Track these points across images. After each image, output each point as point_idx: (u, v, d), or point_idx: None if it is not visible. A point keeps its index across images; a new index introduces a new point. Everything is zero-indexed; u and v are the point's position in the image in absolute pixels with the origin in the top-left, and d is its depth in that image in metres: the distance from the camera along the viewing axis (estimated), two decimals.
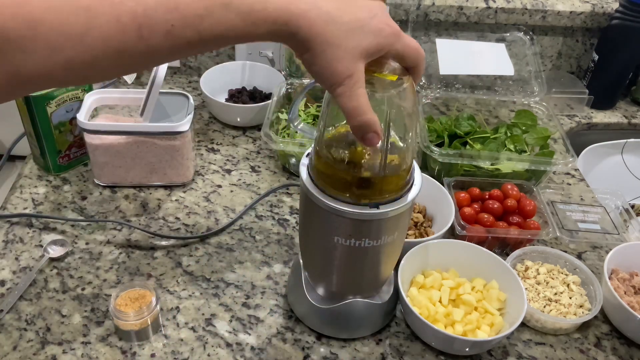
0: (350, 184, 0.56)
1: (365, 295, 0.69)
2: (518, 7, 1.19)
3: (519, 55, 1.12)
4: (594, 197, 0.94)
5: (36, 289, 0.74)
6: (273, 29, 0.44)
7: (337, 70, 0.46)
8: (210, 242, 0.83)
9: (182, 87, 1.19)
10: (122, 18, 0.38)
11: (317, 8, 0.44)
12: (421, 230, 0.83)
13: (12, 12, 0.35)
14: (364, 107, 0.47)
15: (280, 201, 0.92)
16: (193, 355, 0.68)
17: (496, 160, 0.91)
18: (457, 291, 0.73)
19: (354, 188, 0.56)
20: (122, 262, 0.79)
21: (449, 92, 1.09)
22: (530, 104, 1.07)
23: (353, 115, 0.48)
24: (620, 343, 0.74)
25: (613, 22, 1.17)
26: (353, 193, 0.56)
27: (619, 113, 1.25)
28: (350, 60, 0.46)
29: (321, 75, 0.47)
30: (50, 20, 0.36)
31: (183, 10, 0.40)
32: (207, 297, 0.75)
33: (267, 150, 1.02)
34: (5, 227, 0.83)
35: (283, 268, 0.80)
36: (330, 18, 0.45)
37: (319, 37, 0.45)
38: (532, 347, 0.72)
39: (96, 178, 0.91)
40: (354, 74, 0.46)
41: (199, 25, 0.41)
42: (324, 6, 0.45)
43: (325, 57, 0.45)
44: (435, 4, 1.17)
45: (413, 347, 0.71)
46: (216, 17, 0.41)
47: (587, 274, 0.78)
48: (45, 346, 0.67)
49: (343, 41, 0.45)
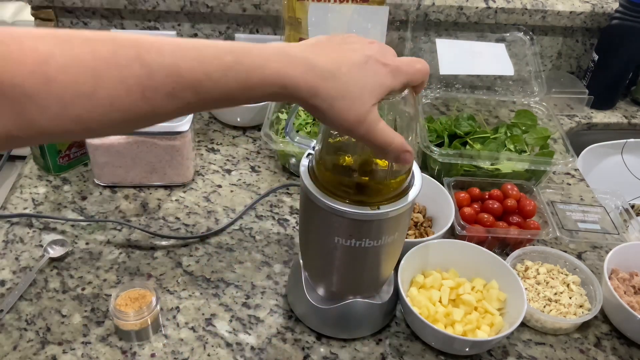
0: (350, 189, 0.57)
1: (365, 295, 0.69)
2: (518, 7, 1.19)
3: (519, 55, 1.12)
4: (594, 197, 0.94)
5: (36, 289, 0.74)
6: (272, 92, 0.45)
7: (350, 119, 0.47)
8: (210, 242, 0.83)
9: None
10: (128, 80, 0.41)
11: (313, 67, 0.45)
12: (421, 230, 0.83)
13: (30, 70, 0.38)
14: (390, 137, 0.49)
15: (280, 201, 0.92)
16: (193, 355, 0.68)
17: (496, 160, 0.91)
18: (457, 291, 0.73)
19: (353, 193, 0.57)
20: (122, 262, 0.79)
21: (449, 92, 1.09)
22: (530, 104, 1.07)
23: (384, 149, 0.49)
24: (620, 343, 0.74)
25: (613, 22, 1.17)
26: (352, 198, 0.56)
27: (618, 113, 1.25)
28: (360, 106, 0.46)
29: (337, 127, 0.48)
30: (62, 80, 0.39)
31: (183, 75, 0.42)
32: (207, 297, 0.75)
33: (267, 150, 1.02)
34: (5, 227, 0.83)
35: (283, 268, 0.80)
36: (329, 74, 0.46)
37: (321, 95, 0.46)
38: (532, 347, 0.72)
39: (96, 178, 0.91)
40: (368, 115, 0.47)
41: (198, 88, 0.43)
42: (319, 63, 0.46)
43: (334, 112, 0.46)
44: (435, 4, 1.17)
45: (413, 347, 0.71)
46: (214, 82, 0.43)
47: (587, 274, 0.78)
48: (45, 346, 0.67)
49: (346, 92, 0.46)
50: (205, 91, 0.43)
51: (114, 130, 0.44)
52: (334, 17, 1.02)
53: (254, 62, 0.44)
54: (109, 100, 0.40)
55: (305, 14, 1.02)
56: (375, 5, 1.03)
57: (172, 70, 0.42)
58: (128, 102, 0.41)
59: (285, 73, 0.45)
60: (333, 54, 0.47)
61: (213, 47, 0.44)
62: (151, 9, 1.15)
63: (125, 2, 1.14)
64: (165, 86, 0.42)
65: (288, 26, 1.05)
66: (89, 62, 0.40)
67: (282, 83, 0.45)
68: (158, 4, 1.14)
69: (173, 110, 0.43)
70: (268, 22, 1.19)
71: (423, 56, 1.12)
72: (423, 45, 1.14)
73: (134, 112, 0.42)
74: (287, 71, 0.45)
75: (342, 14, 1.02)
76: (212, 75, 0.43)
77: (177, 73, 0.42)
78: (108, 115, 0.41)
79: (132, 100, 0.41)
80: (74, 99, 0.39)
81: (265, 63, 0.44)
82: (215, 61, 0.43)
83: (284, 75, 0.45)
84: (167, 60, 0.42)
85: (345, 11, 1.02)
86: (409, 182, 0.59)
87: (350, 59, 0.47)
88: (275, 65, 0.45)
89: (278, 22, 1.18)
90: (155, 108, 0.42)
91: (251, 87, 0.44)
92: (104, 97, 0.40)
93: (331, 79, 0.46)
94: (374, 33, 1.03)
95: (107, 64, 0.40)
